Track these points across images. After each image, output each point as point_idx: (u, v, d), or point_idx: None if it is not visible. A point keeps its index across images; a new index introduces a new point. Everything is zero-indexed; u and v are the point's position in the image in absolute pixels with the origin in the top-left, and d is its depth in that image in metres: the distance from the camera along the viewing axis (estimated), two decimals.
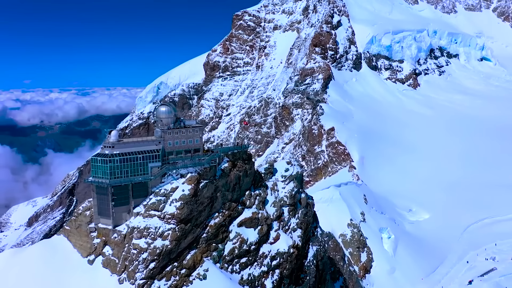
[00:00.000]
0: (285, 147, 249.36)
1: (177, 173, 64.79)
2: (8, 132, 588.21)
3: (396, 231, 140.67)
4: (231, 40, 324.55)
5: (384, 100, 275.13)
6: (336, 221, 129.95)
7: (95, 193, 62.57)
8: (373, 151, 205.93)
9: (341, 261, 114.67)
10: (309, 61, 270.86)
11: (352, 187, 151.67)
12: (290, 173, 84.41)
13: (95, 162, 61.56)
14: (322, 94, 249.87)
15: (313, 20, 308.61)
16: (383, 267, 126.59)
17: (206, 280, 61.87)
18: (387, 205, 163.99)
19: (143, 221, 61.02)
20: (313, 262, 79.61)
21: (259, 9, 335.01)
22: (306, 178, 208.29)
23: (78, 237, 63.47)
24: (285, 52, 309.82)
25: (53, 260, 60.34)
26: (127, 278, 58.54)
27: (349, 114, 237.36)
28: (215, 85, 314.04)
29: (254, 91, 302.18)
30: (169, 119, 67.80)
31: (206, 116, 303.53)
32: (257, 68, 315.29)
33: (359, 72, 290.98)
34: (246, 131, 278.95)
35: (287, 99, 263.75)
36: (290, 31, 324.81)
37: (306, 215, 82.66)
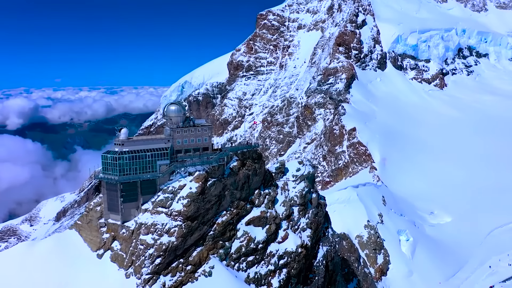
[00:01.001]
0: (307, 147, 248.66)
1: (185, 171, 65.82)
2: (40, 129, 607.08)
3: (415, 234, 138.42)
4: (255, 40, 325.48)
5: (408, 101, 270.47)
6: (352, 222, 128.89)
7: (105, 189, 64.33)
8: (395, 152, 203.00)
9: (356, 263, 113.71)
10: (333, 61, 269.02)
11: (370, 188, 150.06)
12: (302, 173, 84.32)
13: (105, 159, 63.27)
14: (345, 94, 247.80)
15: (338, 19, 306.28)
16: (400, 270, 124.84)
17: (211, 277, 62.67)
18: (408, 207, 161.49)
19: (151, 218, 62.31)
20: (323, 263, 79.33)
21: (284, 9, 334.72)
22: (326, 178, 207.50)
23: (89, 232, 65.36)
24: (308, 51, 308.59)
25: (64, 253, 62.36)
26: (133, 272, 59.97)
27: (372, 115, 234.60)
28: (238, 84, 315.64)
29: (277, 91, 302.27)
30: (178, 118, 68.92)
31: (229, 115, 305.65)
32: (281, 68, 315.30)
33: (383, 72, 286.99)
34: (268, 131, 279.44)
35: (310, 99, 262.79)
36: (314, 30, 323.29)
37: (316, 215, 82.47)
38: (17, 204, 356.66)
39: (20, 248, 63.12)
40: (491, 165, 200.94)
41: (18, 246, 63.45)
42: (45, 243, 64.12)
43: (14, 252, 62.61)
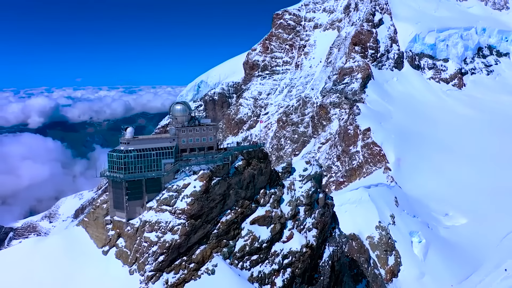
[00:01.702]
0: (322, 147, 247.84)
1: (190, 170, 66.54)
2: (60, 128, 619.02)
3: (428, 235, 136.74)
4: (270, 39, 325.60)
5: (426, 100, 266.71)
6: (363, 223, 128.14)
7: (111, 187, 65.53)
8: (410, 153, 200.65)
9: (366, 263, 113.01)
10: (348, 60, 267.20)
11: (383, 189, 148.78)
12: (309, 173, 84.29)
13: (111, 157, 64.45)
14: (361, 93, 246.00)
15: (354, 19, 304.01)
16: (411, 272, 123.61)
17: (214, 275, 63.24)
18: (421, 209, 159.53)
19: (155, 216, 63.21)
20: (328, 263, 79.15)
21: (300, 8, 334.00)
22: (340, 178, 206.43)
23: (95, 229, 66.66)
24: (324, 51, 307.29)
25: (71, 249, 63.75)
26: (137, 269, 60.95)
27: (388, 114, 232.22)
28: (254, 84, 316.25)
29: (293, 90, 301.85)
30: (184, 117, 69.71)
31: (244, 114, 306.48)
32: (296, 67, 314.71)
33: (400, 72, 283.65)
34: (283, 130, 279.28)
35: (325, 99, 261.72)
36: (330, 29, 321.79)
37: (323, 215, 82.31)
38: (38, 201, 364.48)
39: (29, 243, 64.79)
40: (508, 166, 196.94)
41: (27, 242, 65.13)
42: (53, 239, 65.69)
43: (23, 247, 64.29)
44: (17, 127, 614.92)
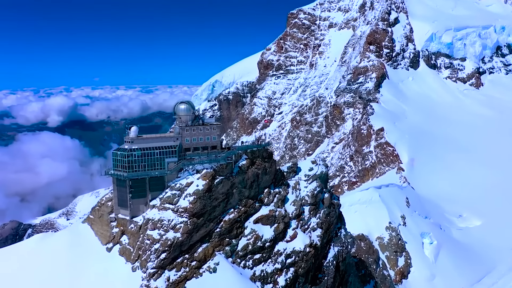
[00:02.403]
0: (335, 147, 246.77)
1: (193, 168, 67.14)
2: (78, 126, 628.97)
3: (439, 237, 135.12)
4: (285, 39, 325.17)
5: (442, 100, 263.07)
6: (373, 223, 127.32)
7: (115, 185, 66.55)
8: (425, 153, 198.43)
9: (374, 264, 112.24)
10: (363, 60, 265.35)
11: (394, 190, 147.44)
12: (314, 173, 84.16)
13: (115, 156, 65.44)
14: (375, 93, 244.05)
15: (370, 18, 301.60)
16: (422, 273, 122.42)
17: (216, 273, 63.70)
18: (434, 210, 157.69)
19: (158, 214, 63.99)
20: (333, 263, 78.93)
21: (315, 7, 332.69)
22: (353, 178, 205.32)
23: (100, 226, 67.81)
24: (339, 50, 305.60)
25: (76, 245, 65.02)
26: (139, 266, 61.80)
27: (402, 114, 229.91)
28: (268, 83, 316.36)
29: (307, 90, 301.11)
30: (188, 116, 70.36)
31: (258, 114, 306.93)
32: (311, 67, 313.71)
33: (416, 71, 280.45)
34: (297, 130, 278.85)
35: (339, 98, 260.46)
36: (345, 29, 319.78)
37: (328, 215, 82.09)
38: (56, 199, 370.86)
39: (36, 239, 66.27)
40: None
41: (34, 237, 66.62)
42: (59, 236, 67.13)
43: (31, 242, 65.84)
44: (37, 126, 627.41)
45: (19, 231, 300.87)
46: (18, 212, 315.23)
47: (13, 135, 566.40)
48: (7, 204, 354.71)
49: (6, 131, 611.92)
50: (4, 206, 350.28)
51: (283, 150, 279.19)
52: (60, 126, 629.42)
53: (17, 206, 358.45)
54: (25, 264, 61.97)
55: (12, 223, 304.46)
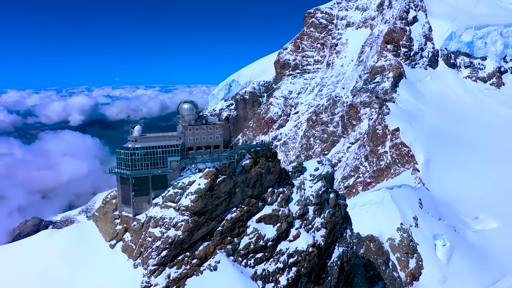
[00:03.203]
0: (351, 147, 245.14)
1: (195, 167, 67.81)
2: (99, 125, 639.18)
3: (453, 239, 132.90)
4: (302, 38, 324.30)
5: (461, 100, 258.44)
6: (385, 224, 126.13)
7: (119, 183, 67.77)
8: (441, 154, 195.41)
9: (383, 265, 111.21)
10: (380, 59, 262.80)
11: (406, 190, 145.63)
12: (320, 173, 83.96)
13: (119, 155, 66.69)
14: (392, 93, 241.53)
15: (388, 16, 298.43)
16: (433, 275, 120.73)
17: (217, 271, 64.25)
18: (449, 211, 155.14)
19: (160, 212, 64.87)
20: (337, 263, 78.58)
21: (332, 6, 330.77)
22: (367, 179, 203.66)
23: (104, 223, 69.16)
24: (356, 49, 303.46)
25: (81, 242, 66.52)
26: (141, 263, 62.79)
27: (419, 114, 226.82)
28: (284, 83, 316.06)
29: (323, 90, 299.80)
30: (191, 116, 71.08)
31: (274, 113, 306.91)
32: (328, 66, 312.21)
33: (435, 70, 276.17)
34: (313, 130, 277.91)
35: (355, 98, 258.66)
36: (363, 28, 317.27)
37: (333, 215, 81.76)
38: (76, 196, 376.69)
39: (43, 235, 68.02)
40: None
41: (42, 233, 68.37)
42: (66, 232, 68.73)
43: (38, 238, 67.61)
44: (59, 125, 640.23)
45: (40, 228, 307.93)
46: (39, 209, 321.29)
47: (36, 133, 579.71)
48: (29, 201, 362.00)
49: (29, 129, 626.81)
50: (26, 203, 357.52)
51: (298, 150, 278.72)
52: (81, 125, 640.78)
53: (39, 203, 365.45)
54: (32, 258, 63.72)
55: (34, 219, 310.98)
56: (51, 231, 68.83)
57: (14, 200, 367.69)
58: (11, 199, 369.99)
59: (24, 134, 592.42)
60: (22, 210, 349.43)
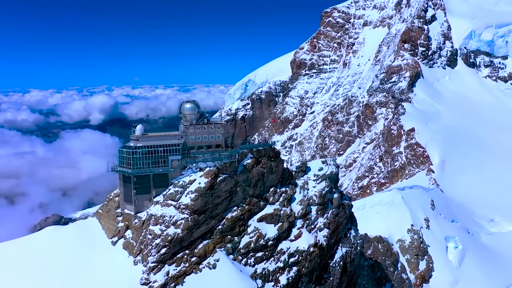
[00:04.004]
0: (366, 147, 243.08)
1: (196, 166, 68.55)
2: (119, 124, 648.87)
3: (466, 241, 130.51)
4: (318, 38, 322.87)
5: (480, 100, 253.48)
6: (395, 226, 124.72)
7: (121, 181, 69.03)
8: (457, 155, 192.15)
9: (391, 267, 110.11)
10: (397, 58, 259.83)
11: (418, 192, 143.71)
12: (324, 173, 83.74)
13: (121, 153, 67.96)
14: (408, 92, 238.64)
15: (405, 15, 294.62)
16: (444, 278, 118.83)
17: (215, 269, 64.83)
18: (463, 213, 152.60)
19: (161, 210, 65.83)
20: (339, 264, 78.31)
21: (349, 5, 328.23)
22: (381, 180, 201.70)
23: (107, 220, 70.53)
24: (373, 49, 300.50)
25: (84, 238, 68.00)
26: (141, 260, 63.84)
27: (436, 115, 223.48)
28: (300, 82, 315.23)
29: (340, 89, 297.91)
30: (193, 115, 71.87)
31: (290, 113, 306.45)
32: (344, 66, 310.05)
33: (453, 70, 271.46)
34: (328, 130, 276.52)
35: (371, 98, 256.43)
36: (380, 27, 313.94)
37: (337, 216, 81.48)
38: (95, 194, 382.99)
39: (49, 231, 69.82)
40: None
41: (47, 229, 70.16)
42: (70, 228, 70.44)
43: (44, 234, 69.45)
44: (80, 124, 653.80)
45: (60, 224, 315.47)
46: (59, 206, 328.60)
47: (57, 132, 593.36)
48: (49, 198, 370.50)
49: (51, 128, 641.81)
50: (47, 200, 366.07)
51: (314, 150, 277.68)
52: (101, 124, 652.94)
53: (59, 200, 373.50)
54: (37, 253, 65.48)
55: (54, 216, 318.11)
56: (56, 227, 70.66)
57: (36, 197, 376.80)
58: (33, 196, 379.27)
59: (46, 133, 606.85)
60: (43, 207, 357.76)
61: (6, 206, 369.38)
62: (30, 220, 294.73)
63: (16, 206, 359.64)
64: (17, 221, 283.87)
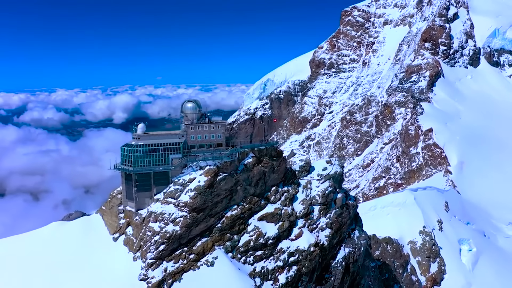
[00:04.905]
0: (384, 147, 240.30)
1: (196, 165, 69.35)
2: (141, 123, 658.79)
3: (480, 244, 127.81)
4: (338, 37, 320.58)
5: (504, 100, 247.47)
6: (406, 227, 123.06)
7: (123, 179, 70.43)
8: (477, 156, 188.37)
9: (400, 269, 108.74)
10: (417, 57, 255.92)
11: (432, 193, 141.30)
12: (328, 172, 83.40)
13: (123, 151, 69.29)
14: (428, 92, 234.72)
15: (427, 14, 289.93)
16: (456, 281, 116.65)
17: (213, 267, 65.43)
18: (480, 216, 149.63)
19: (160, 207, 66.86)
20: (342, 264, 77.85)
21: (369, 4, 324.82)
22: (398, 180, 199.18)
23: (110, 217, 72.03)
24: (394, 48, 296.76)
25: (87, 234, 69.65)
26: (140, 256, 64.99)
27: (456, 115, 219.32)
28: (319, 82, 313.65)
29: (359, 89, 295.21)
30: (194, 114, 72.73)
31: (308, 113, 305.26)
32: (364, 65, 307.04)
33: (476, 69, 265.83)
34: (346, 130, 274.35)
35: (390, 98, 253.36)
36: (401, 25, 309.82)
37: (340, 216, 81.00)
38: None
39: (54, 226, 71.77)
40: None
41: (51, 225, 72.10)
42: (74, 224, 72.07)
43: (49, 229, 71.42)
44: (103, 123, 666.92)
45: None
46: (82, 203, 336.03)
47: (81, 130, 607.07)
48: (73, 195, 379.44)
49: (76, 127, 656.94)
50: (70, 197, 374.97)
51: (331, 150, 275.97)
52: (124, 123, 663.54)
53: (82, 197, 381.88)
54: (41, 247, 67.45)
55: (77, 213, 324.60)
56: (61, 223, 72.43)
57: (59, 194, 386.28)
58: (57, 193, 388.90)
59: (71, 131, 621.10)
60: (67, 204, 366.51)
61: (32, 202, 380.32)
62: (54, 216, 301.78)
63: (40, 202, 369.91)
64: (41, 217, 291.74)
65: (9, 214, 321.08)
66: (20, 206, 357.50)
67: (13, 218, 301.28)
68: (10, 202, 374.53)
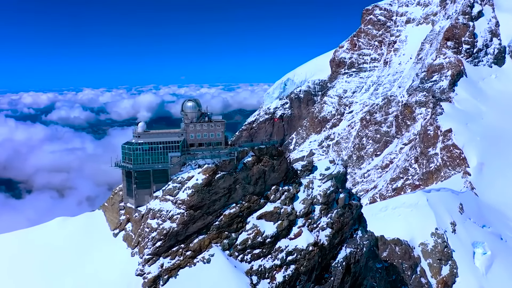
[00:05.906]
0: (403, 148, 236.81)
1: (195, 163, 70.32)
2: (164, 122, 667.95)
3: (495, 247, 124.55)
4: (359, 36, 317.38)
5: None
6: (418, 228, 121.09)
7: (124, 176, 72.04)
8: (497, 157, 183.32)
9: (409, 270, 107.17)
10: (438, 56, 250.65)
11: (446, 194, 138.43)
12: (330, 172, 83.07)
13: (124, 149, 70.89)
14: (449, 92, 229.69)
15: (450, 12, 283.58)
16: (469, 284, 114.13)
17: (210, 264, 66.23)
18: (497, 218, 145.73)
19: (159, 204, 68.11)
20: (342, 264, 77.44)
21: (392, 2, 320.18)
22: (416, 182, 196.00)
23: (111, 213, 73.81)
24: (416, 47, 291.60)
25: (89, 229, 71.67)
26: (137, 252, 66.43)
27: (477, 115, 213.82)
28: (339, 82, 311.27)
29: (379, 88, 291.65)
30: (194, 113, 73.78)
31: (328, 113, 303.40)
32: (385, 64, 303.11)
33: (501, 68, 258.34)
34: (366, 129, 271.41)
35: (411, 97, 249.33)
36: (424, 24, 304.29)
37: (342, 216, 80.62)
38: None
39: (57, 221, 74.07)
40: None
41: (55, 220, 74.41)
42: (77, 220, 74.27)
43: (53, 224, 73.76)
44: (128, 121, 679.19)
45: None
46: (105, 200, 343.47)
47: (106, 129, 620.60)
48: (96, 192, 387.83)
49: (101, 125, 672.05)
50: (94, 194, 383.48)
51: (351, 150, 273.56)
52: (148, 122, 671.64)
53: (105, 195, 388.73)
54: (43, 241, 69.80)
55: None
56: (64, 218, 74.62)
57: (84, 191, 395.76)
58: (81, 190, 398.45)
59: (97, 130, 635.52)
60: (90, 200, 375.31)
61: (57, 199, 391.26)
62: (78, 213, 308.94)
63: (65, 198, 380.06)
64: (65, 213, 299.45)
65: (36, 210, 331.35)
66: (47, 203, 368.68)
67: (39, 214, 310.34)
68: (37, 198, 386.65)
